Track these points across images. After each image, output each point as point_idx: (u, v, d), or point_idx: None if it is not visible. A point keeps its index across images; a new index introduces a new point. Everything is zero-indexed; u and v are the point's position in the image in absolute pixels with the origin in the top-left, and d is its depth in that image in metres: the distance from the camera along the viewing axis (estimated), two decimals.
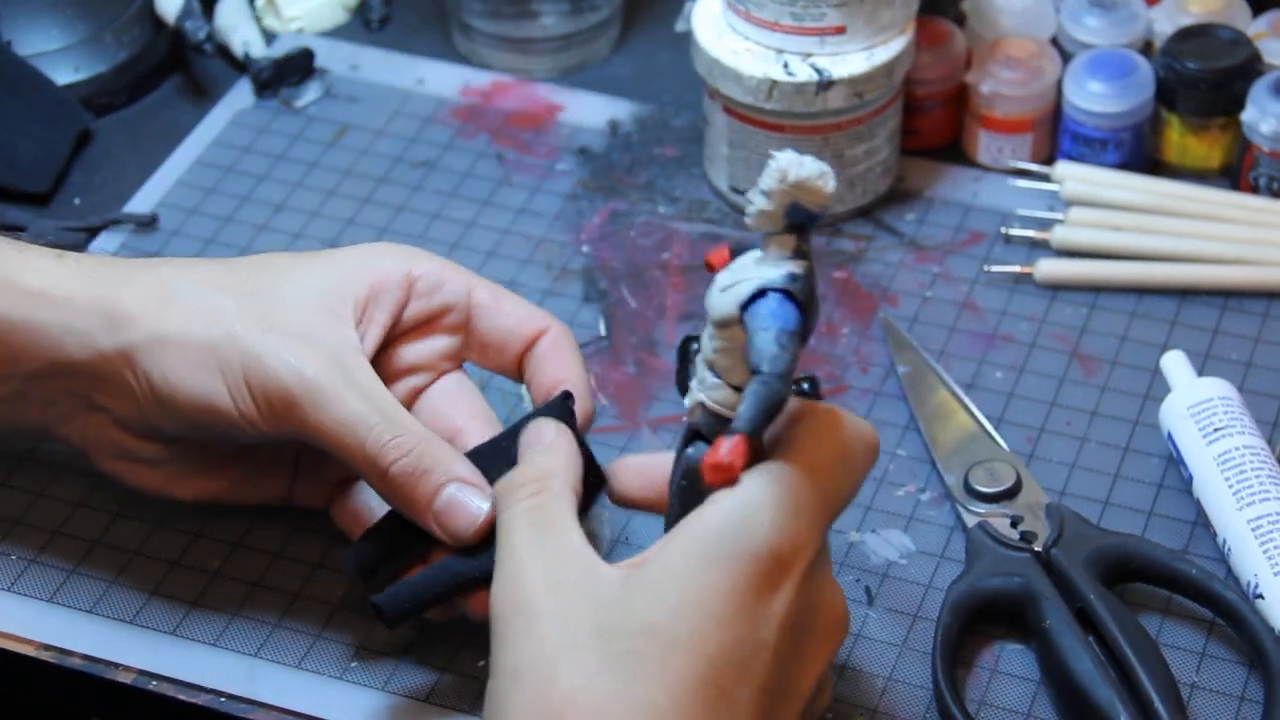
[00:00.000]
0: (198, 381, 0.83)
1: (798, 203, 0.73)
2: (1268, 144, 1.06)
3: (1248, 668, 0.88)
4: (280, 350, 0.83)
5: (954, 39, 1.11)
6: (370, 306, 0.87)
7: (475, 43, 1.19)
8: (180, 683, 0.87)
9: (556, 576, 0.75)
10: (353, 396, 0.83)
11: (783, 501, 0.74)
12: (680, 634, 0.72)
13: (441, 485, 0.82)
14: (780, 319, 0.73)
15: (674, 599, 0.72)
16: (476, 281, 0.89)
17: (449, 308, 0.89)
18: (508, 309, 0.89)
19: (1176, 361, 0.97)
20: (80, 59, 1.15)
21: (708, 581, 0.72)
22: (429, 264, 0.89)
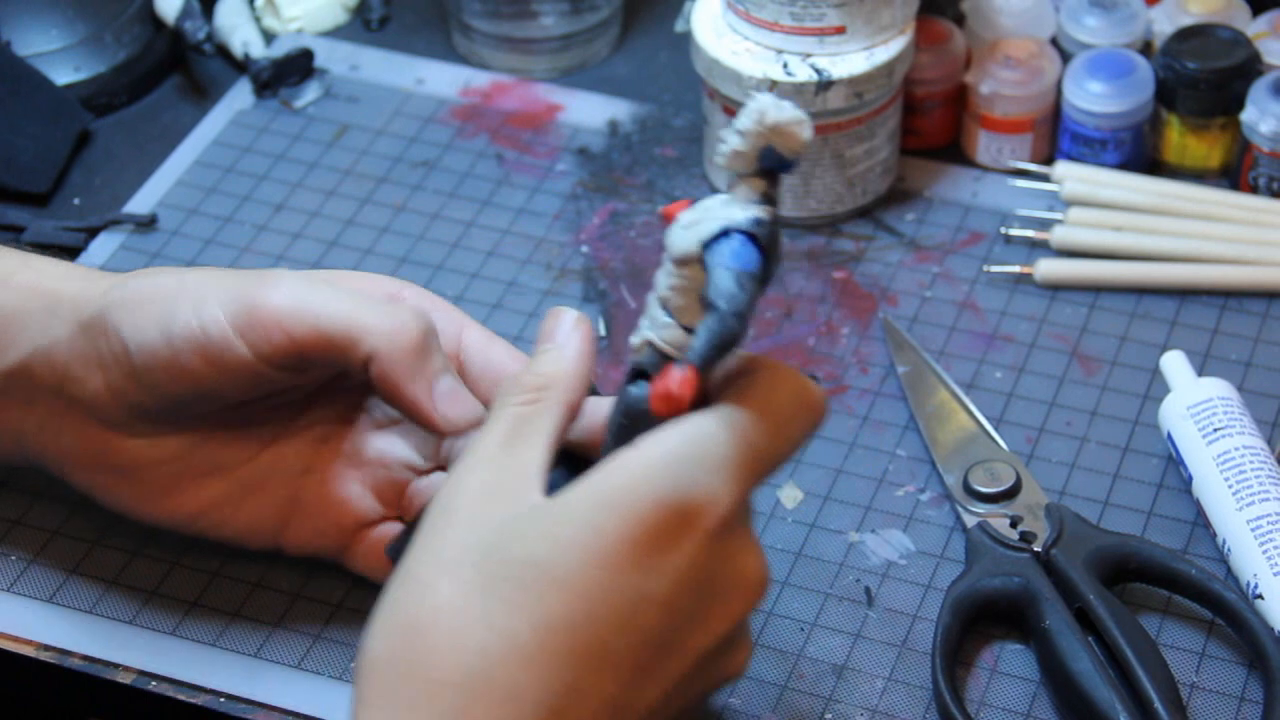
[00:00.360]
0: (166, 315, 0.81)
1: (772, 147, 0.72)
2: (1267, 144, 1.06)
3: (1247, 668, 0.88)
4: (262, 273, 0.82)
5: (954, 39, 1.11)
6: None
7: (475, 43, 1.19)
8: (180, 683, 0.87)
9: (490, 488, 0.73)
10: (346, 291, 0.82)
11: (702, 454, 0.72)
12: (561, 572, 0.70)
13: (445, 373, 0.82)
14: (742, 259, 0.72)
15: (565, 536, 0.71)
16: (469, 322, 0.87)
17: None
18: (497, 352, 0.86)
19: (1176, 361, 0.97)
20: (80, 59, 1.16)
21: (601, 524, 0.71)
22: (414, 291, 0.87)
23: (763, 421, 0.74)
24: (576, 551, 0.71)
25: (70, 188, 1.12)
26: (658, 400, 0.72)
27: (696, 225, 0.74)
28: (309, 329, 0.81)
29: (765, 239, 0.73)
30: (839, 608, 0.90)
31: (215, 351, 0.81)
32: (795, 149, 0.73)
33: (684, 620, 0.72)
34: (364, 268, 1.06)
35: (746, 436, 0.73)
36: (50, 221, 1.09)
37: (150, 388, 0.83)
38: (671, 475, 0.72)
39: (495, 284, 1.06)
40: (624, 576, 0.71)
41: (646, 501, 0.71)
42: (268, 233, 1.09)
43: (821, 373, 1.00)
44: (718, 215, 0.73)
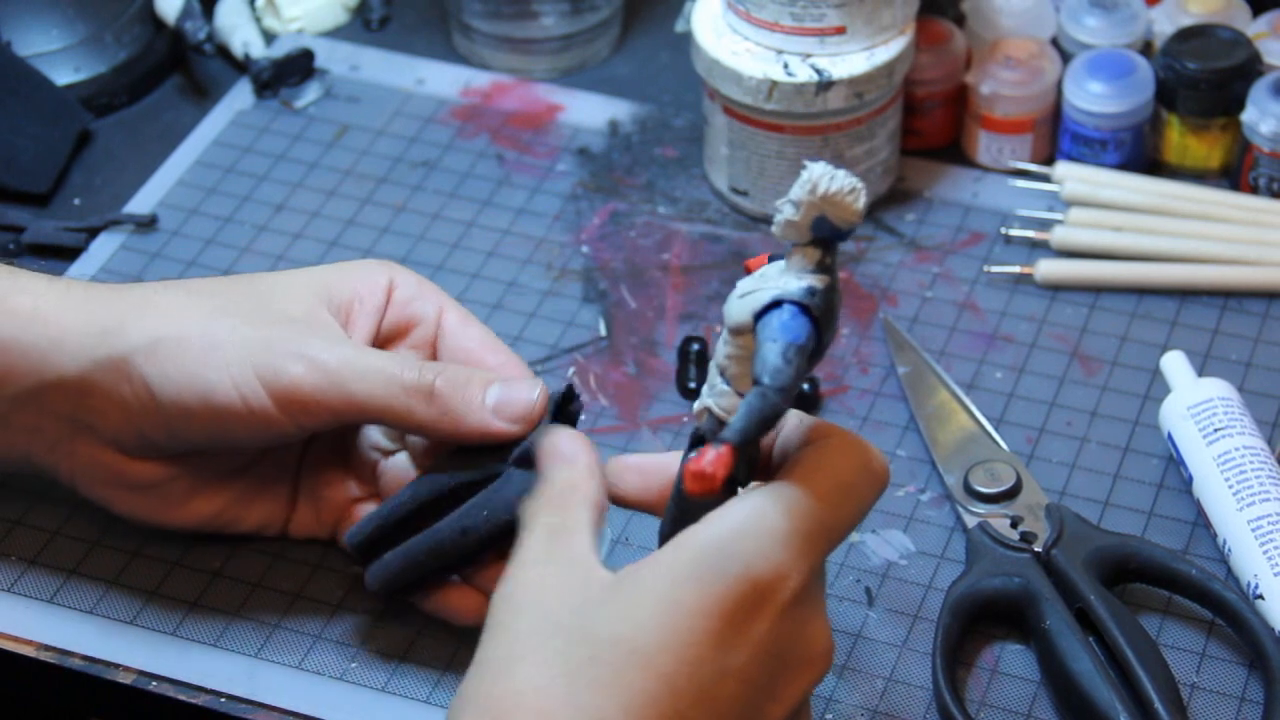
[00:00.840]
0: (199, 378, 0.83)
1: (825, 217, 0.72)
2: (1267, 144, 1.06)
3: (1248, 668, 0.88)
4: (288, 336, 0.83)
5: (954, 39, 1.11)
6: (356, 311, 0.87)
7: (475, 43, 1.19)
8: (180, 683, 0.87)
9: (550, 578, 0.74)
10: (369, 356, 0.83)
11: (774, 528, 0.72)
12: (644, 648, 0.71)
13: (489, 383, 0.83)
14: (791, 332, 0.72)
15: (644, 613, 0.71)
16: (449, 304, 0.89)
17: (417, 321, 0.88)
18: (474, 334, 0.88)
19: (1176, 362, 0.97)
20: (80, 59, 1.16)
21: (681, 600, 0.71)
22: (407, 277, 0.89)
23: (830, 494, 0.74)
24: (657, 628, 0.71)
25: (70, 188, 1.12)
26: (691, 479, 0.71)
27: (752, 295, 0.73)
28: (350, 407, 0.83)
29: (818, 309, 0.72)
30: (839, 608, 0.90)
31: (257, 422, 0.83)
32: (849, 219, 0.72)
33: (760, 693, 0.73)
34: None
35: (815, 510, 0.74)
36: (50, 221, 1.09)
37: (175, 434, 0.85)
38: (746, 550, 0.72)
39: (495, 284, 1.06)
40: (705, 651, 0.71)
41: (724, 576, 0.72)
42: (268, 233, 1.09)
43: (821, 373, 1.00)
44: (772, 285, 0.73)
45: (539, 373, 1.00)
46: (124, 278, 1.06)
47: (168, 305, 0.85)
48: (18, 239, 1.08)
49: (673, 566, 0.72)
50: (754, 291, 0.73)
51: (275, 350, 0.83)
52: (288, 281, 0.87)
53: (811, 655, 0.75)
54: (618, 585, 0.73)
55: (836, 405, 0.99)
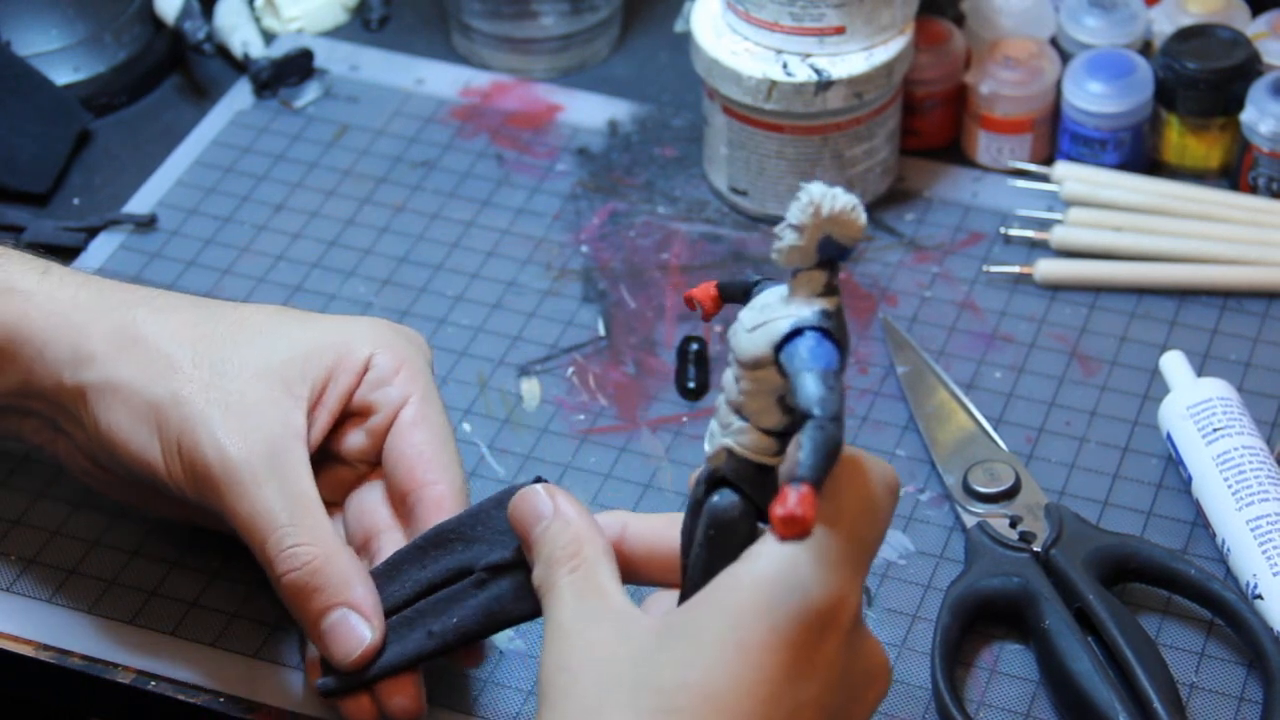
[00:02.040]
0: (137, 435, 0.83)
1: (830, 237, 0.70)
2: (1267, 144, 1.06)
3: (1247, 668, 0.88)
4: (217, 423, 0.82)
5: (953, 39, 1.11)
6: (327, 389, 0.86)
7: (475, 43, 1.19)
8: (180, 683, 0.87)
9: (596, 635, 0.73)
10: (269, 490, 0.82)
11: (823, 555, 0.71)
12: (717, 693, 0.69)
13: (330, 608, 0.81)
14: (822, 359, 0.69)
15: (711, 656, 0.70)
16: (416, 397, 0.86)
17: (377, 408, 0.86)
18: (419, 439, 0.86)
19: (1176, 362, 0.97)
20: (80, 59, 1.16)
21: (746, 639, 0.70)
22: (389, 358, 0.87)
23: (862, 513, 0.73)
24: (727, 670, 0.70)
25: (70, 188, 1.12)
26: (783, 525, 0.69)
27: (763, 327, 0.71)
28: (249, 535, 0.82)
29: (836, 332, 0.71)
30: None
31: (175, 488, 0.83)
32: (854, 236, 0.70)
33: (839, 717, 0.72)
34: (363, 268, 1.06)
35: (854, 531, 0.72)
36: (50, 221, 1.09)
37: (115, 468, 0.86)
38: (803, 580, 0.70)
39: (495, 284, 1.06)
40: (778, 688, 0.70)
41: (787, 609, 0.70)
42: (267, 233, 1.09)
43: None
44: (783, 313, 0.71)
45: (538, 372, 1.00)
46: (123, 278, 1.05)
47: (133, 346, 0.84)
48: (17, 239, 1.08)
49: (731, 606, 0.70)
50: (765, 324, 0.71)
51: (200, 438, 0.82)
52: (263, 350, 0.85)
53: (874, 672, 0.74)
54: (674, 632, 0.71)
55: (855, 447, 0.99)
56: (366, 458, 0.88)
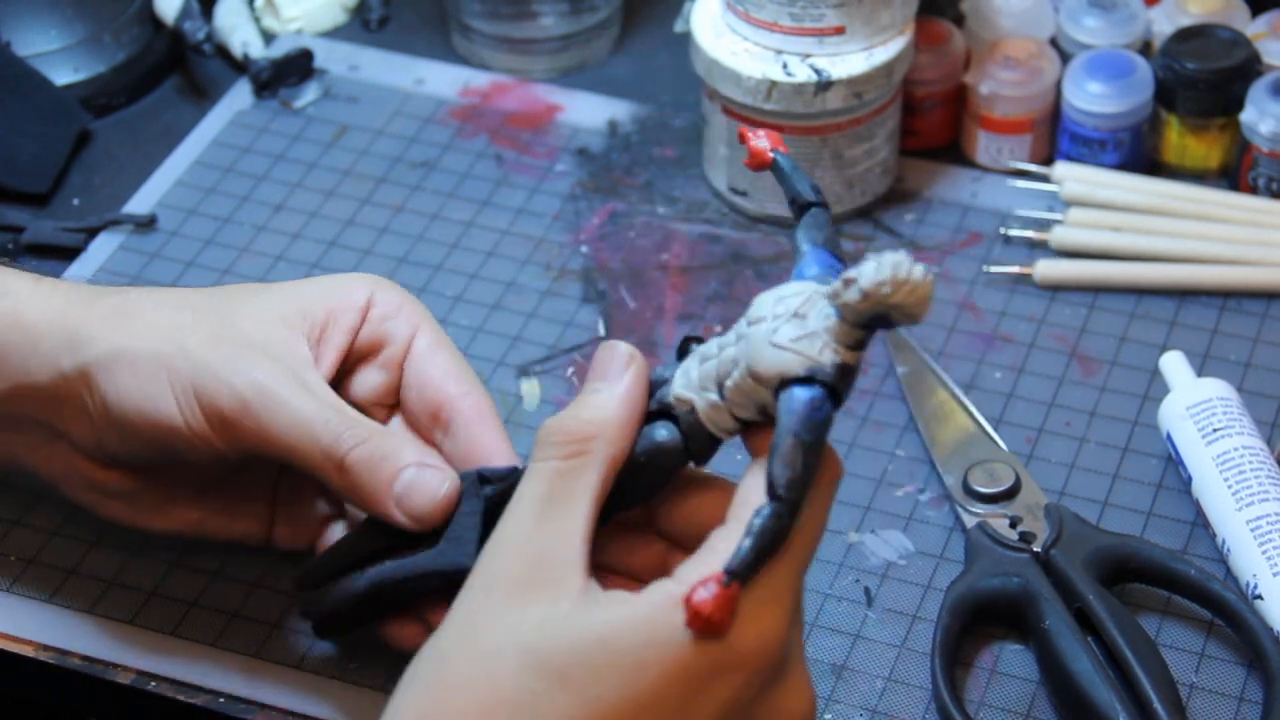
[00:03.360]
0: (146, 395, 0.82)
1: (888, 314, 0.69)
2: (1267, 144, 1.06)
3: (1247, 668, 0.88)
4: (232, 360, 0.82)
5: (953, 39, 1.11)
6: (329, 328, 0.85)
7: (474, 43, 1.19)
8: (180, 683, 0.87)
9: (534, 568, 0.71)
10: (306, 396, 0.81)
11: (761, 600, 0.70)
12: (592, 698, 0.69)
13: (401, 469, 0.80)
14: (814, 428, 0.69)
15: (606, 660, 0.69)
16: (426, 325, 0.86)
17: (388, 340, 0.86)
18: (441, 361, 0.85)
19: (1175, 362, 0.97)
20: (80, 59, 1.16)
21: (644, 658, 0.69)
22: (388, 294, 0.86)
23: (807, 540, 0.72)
24: (615, 683, 0.69)
25: (70, 188, 1.12)
26: (695, 621, 0.68)
27: (783, 349, 0.70)
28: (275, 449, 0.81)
29: (844, 392, 0.70)
30: (838, 608, 0.90)
31: (198, 441, 0.82)
32: (910, 321, 0.69)
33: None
34: (363, 268, 1.06)
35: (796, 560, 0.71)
36: (50, 222, 1.09)
37: (131, 447, 0.85)
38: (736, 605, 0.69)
39: (494, 284, 1.06)
40: (660, 714, 0.69)
41: (684, 642, 0.69)
42: (267, 233, 1.09)
43: None
44: (809, 351, 0.70)
45: (538, 373, 1.01)
46: (123, 278, 1.06)
47: (133, 319, 0.84)
48: (17, 239, 1.08)
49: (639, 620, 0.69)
50: (788, 346, 0.70)
51: (217, 375, 0.82)
52: (262, 300, 0.85)
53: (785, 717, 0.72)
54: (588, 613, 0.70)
55: None
56: (385, 399, 0.87)
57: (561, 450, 0.73)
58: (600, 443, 0.73)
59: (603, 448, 0.73)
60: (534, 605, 0.70)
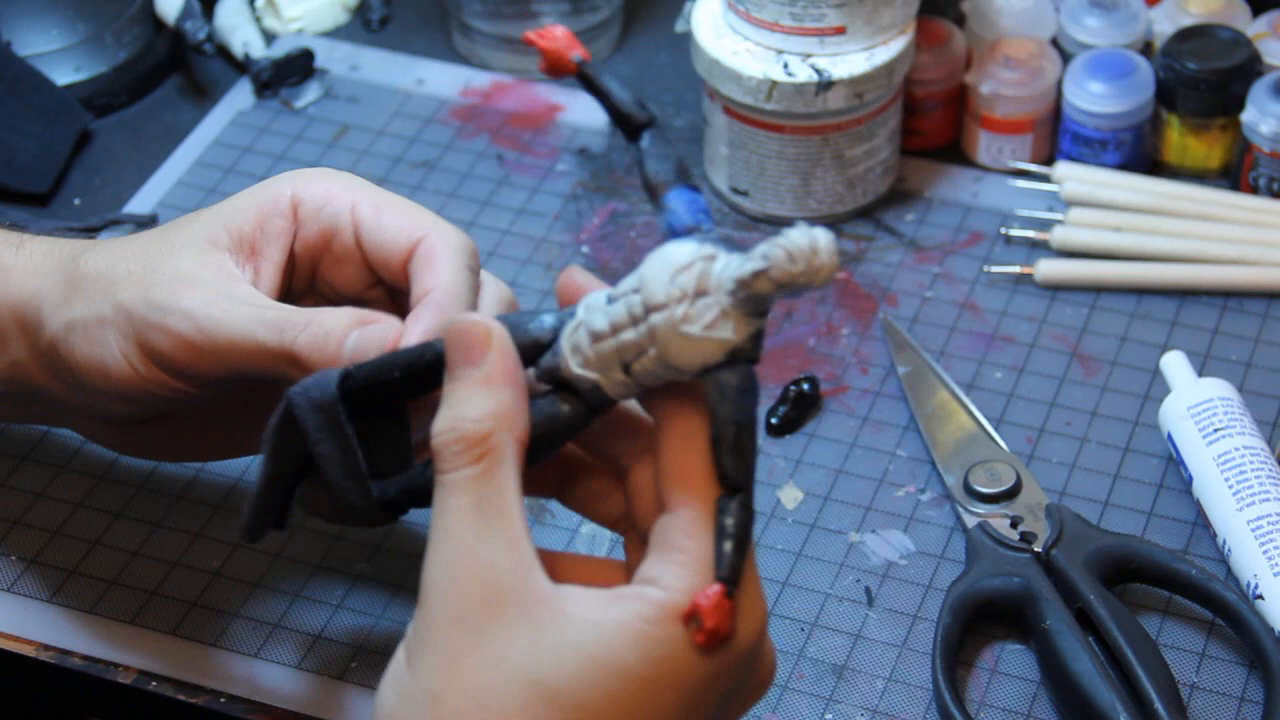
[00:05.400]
0: (99, 359, 0.81)
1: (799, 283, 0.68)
2: (1267, 144, 1.06)
3: (1247, 668, 0.88)
4: (161, 301, 0.80)
5: (954, 39, 1.11)
6: (259, 241, 0.82)
7: (475, 43, 1.19)
8: (180, 683, 0.87)
9: (496, 587, 0.68)
10: (239, 308, 0.79)
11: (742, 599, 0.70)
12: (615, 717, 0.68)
13: (348, 332, 0.77)
14: (748, 408, 0.69)
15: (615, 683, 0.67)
16: (362, 195, 0.82)
17: (334, 228, 0.82)
18: (388, 220, 0.81)
19: (1176, 362, 0.97)
20: (80, 59, 1.16)
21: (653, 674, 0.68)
22: (314, 185, 0.82)
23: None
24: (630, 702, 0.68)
25: (71, 188, 1.12)
26: (710, 640, 0.68)
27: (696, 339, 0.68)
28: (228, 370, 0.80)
29: (760, 350, 0.69)
30: (839, 608, 0.90)
31: (158, 388, 0.81)
32: (821, 286, 0.68)
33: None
34: None
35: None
36: (51, 221, 1.09)
37: (112, 408, 0.84)
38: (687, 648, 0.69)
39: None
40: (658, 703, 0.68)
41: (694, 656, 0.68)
42: None
43: (822, 373, 1.00)
44: (720, 334, 0.68)
45: None
46: None
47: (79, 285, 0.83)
48: None
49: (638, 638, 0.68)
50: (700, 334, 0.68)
51: (149, 322, 0.80)
52: (189, 229, 0.83)
53: (758, 683, 0.73)
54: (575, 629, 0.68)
55: (837, 405, 0.99)
56: (364, 289, 0.83)
57: (468, 456, 0.70)
58: (502, 434, 0.70)
59: (506, 439, 0.70)
60: (514, 628, 0.68)
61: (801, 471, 0.96)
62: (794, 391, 0.98)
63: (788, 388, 0.98)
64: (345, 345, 0.77)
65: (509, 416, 0.70)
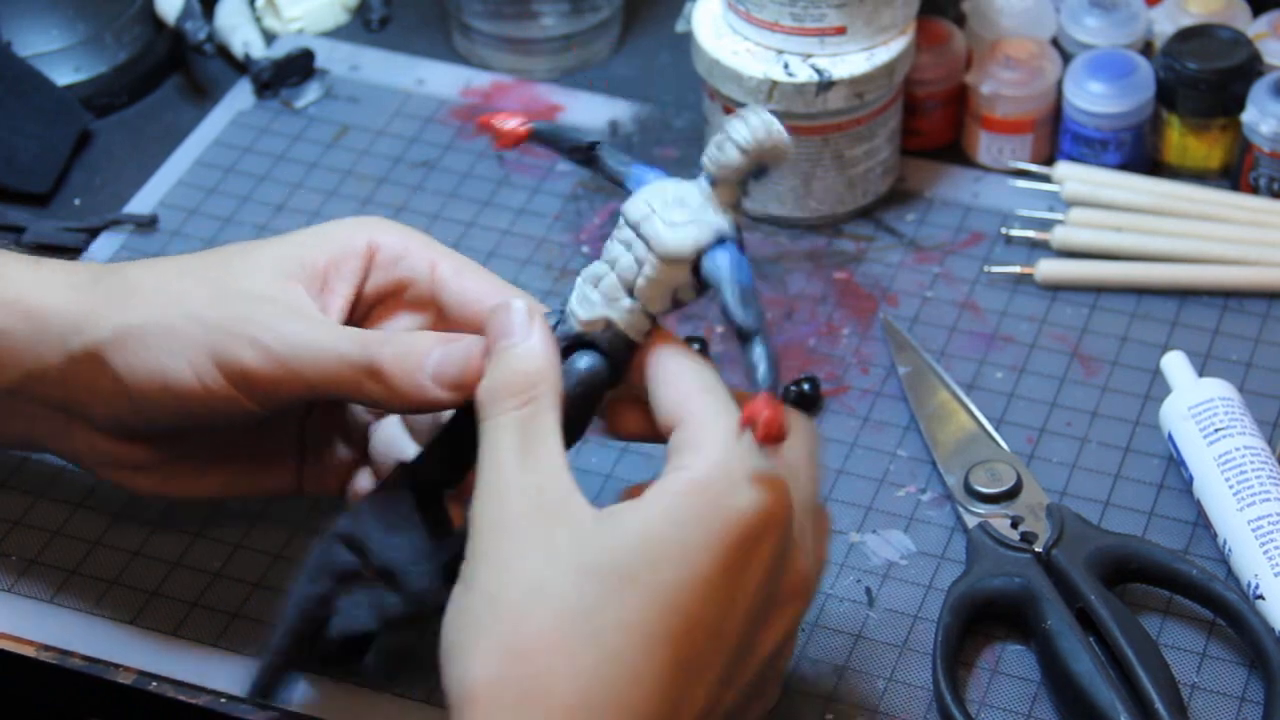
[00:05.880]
0: (161, 368, 0.82)
1: (764, 163, 0.77)
2: (1268, 144, 1.06)
3: (1248, 668, 0.88)
4: (241, 315, 0.82)
5: (954, 39, 1.11)
6: (330, 277, 0.85)
7: (475, 43, 1.19)
8: (180, 683, 0.87)
9: (540, 501, 0.74)
10: (320, 326, 0.82)
11: (751, 472, 0.74)
12: (659, 586, 0.72)
13: (431, 348, 0.81)
14: (745, 274, 0.76)
15: (658, 551, 0.73)
16: (442, 255, 0.87)
17: (409, 282, 0.86)
18: (470, 284, 0.86)
19: (1177, 362, 0.97)
20: (80, 59, 1.16)
21: (690, 538, 0.73)
22: (392, 235, 0.86)
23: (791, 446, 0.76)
24: (672, 566, 0.73)
25: (71, 188, 1.12)
26: (766, 429, 0.73)
27: (687, 227, 0.77)
28: (303, 386, 0.82)
29: (743, 241, 0.77)
30: (839, 608, 0.90)
31: (219, 404, 0.83)
32: (781, 162, 0.77)
33: (755, 624, 0.75)
34: None
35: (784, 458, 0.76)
36: (51, 221, 1.09)
37: (150, 419, 0.85)
38: (735, 493, 0.74)
39: None
40: (713, 589, 0.73)
41: (724, 515, 0.73)
42: (268, 233, 1.08)
43: (822, 373, 1.00)
44: (705, 219, 0.77)
45: None
46: None
47: (133, 294, 0.84)
48: (18, 239, 1.08)
49: (671, 509, 0.73)
50: (689, 223, 0.77)
51: (229, 333, 0.82)
52: (257, 255, 0.85)
53: (799, 584, 0.77)
54: (621, 519, 0.73)
55: (837, 405, 0.99)
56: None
57: (514, 401, 0.76)
58: (545, 385, 0.77)
59: (548, 390, 0.77)
60: (559, 531, 0.73)
61: None
62: (794, 392, 0.98)
63: (788, 388, 0.98)
64: (429, 360, 0.81)
65: (550, 371, 0.77)
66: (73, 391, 0.85)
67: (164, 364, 0.82)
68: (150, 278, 0.85)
